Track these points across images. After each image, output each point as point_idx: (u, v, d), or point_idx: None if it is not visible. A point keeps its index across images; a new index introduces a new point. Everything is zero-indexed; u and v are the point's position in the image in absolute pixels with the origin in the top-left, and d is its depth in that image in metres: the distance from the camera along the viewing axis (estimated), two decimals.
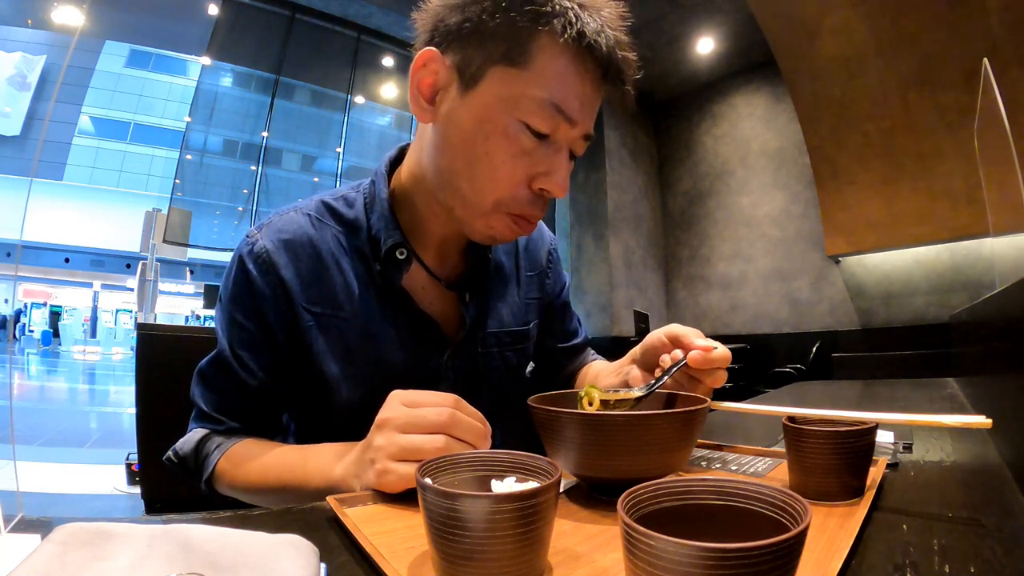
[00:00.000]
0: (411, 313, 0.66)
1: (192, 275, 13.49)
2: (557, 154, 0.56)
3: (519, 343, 0.77)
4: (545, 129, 0.54)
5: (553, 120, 0.54)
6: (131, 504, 2.67)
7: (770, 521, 0.25)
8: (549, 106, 0.53)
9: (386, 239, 0.63)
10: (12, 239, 13.36)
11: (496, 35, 0.53)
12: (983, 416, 0.42)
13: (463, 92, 0.56)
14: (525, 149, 0.55)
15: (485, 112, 0.55)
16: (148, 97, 19.80)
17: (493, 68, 0.54)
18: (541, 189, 0.57)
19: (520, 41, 0.52)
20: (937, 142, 4.18)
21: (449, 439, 0.45)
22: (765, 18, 4.56)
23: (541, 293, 0.83)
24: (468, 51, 0.55)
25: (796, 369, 4.91)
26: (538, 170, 0.56)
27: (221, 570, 0.27)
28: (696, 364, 0.56)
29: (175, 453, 0.65)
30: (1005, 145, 1.29)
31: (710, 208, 6.39)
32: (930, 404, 1.14)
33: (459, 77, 0.56)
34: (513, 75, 0.53)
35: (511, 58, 0.53)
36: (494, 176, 0.56)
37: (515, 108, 0.54)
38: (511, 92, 0.53)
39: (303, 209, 0.67)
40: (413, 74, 0.57)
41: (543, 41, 0.52)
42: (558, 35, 0.52)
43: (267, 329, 0.63)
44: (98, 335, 19.54)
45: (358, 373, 0.64)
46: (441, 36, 0.56)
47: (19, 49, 17.80)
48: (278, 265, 0.63)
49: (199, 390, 0.66)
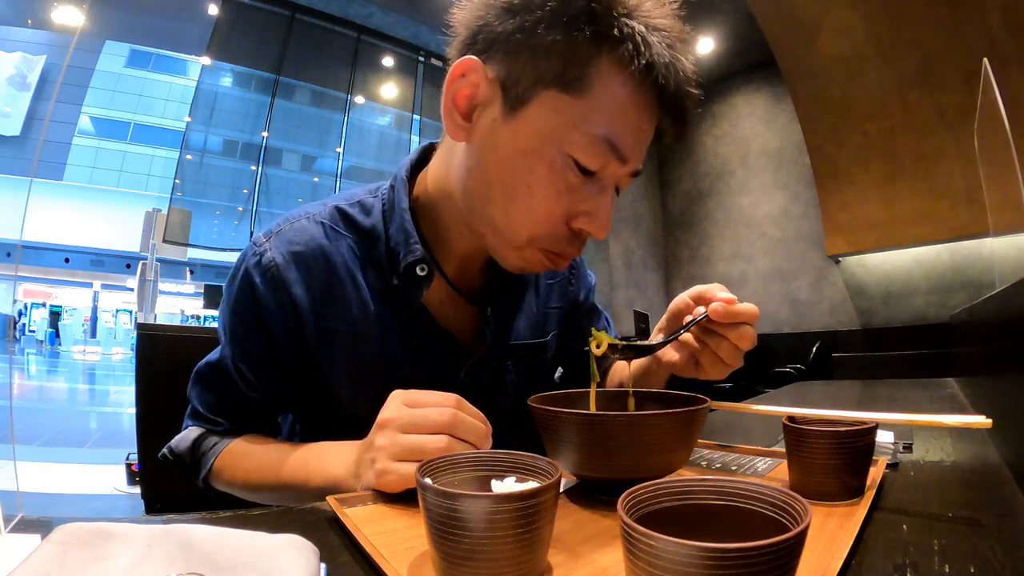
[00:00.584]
0: (429, 329, 0.63)
1: (192, 275, 13.50)
2: (602, 193, 0.52)
3: (536, 355, 0.74)
4: (594, 167, 0.50)
5: (604, 157, 0.49)
6: (131, 504, 2.67)
7: (770, 521, 0.25)
8: (603, 142, 0.48)
9: (406, 254, 0.59)
10: (12, 239, 13.35)
11: (551, 53, 0.47)
12: (983, 416, 0.42)
13: (507, 114, 0.50)
14: (570, 186, 0.50)
15: (530, 142, 0.49)
16: (148, 97, 19.79)
17: (544, 92, 0.48)
18: (580, 229, 0.53)
19: (579, 64, 0.47)
20: (937, 142, 4.18)
21: (451, 439, 0.45)
22: (765, 18, 4.56)
23: (563, 301, 0.79)
24: (516, 67, 0.49)
25: (796, 369, 4.91)
26: (580, 209, 0.52)
27: (221, 570, 0.27)
28: (717, 316, 0.53)
29: (170, 450, 0.64)
30: (1005, 145, 1.29)
31: (710, 208, 6.39)
32: (930, 404, 1.14)
33: (503, 95, 0.50)
34: (567, 103, 0.48)
35: (566, 83, 0.47)
36: (532, 211, 0.51)
37: (565, 141, 0.49)
38: (562, 122, 0.48)
39: (316, 216, 0.63)
40: (449, 84, 0.52)
41: (604, 67, 0.47)
42: (623, 63, 0.46)
43: (272, 345, 0.60)
44: (98, 335, 19.54)
45: (370, 390, 0.61)
46: (485, 43, 0.50)
47: (19, 49, 17.79)
48: (288, 281, 0.58)
49: (196, 391, 0.65)
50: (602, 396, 0.56)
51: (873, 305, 5.15)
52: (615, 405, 0.55)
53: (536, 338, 0.74)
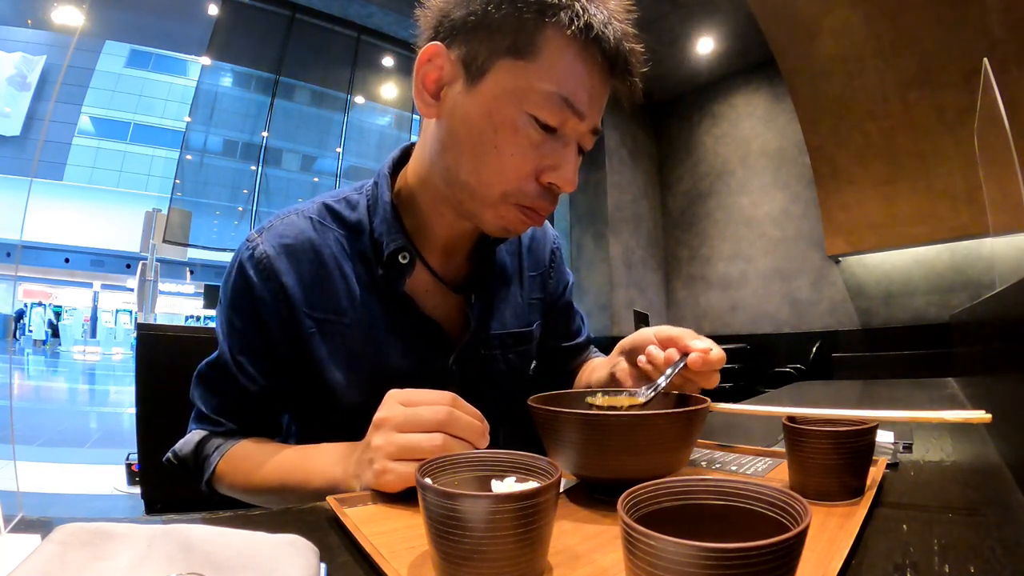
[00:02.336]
0: (414, 317, 0.65)
1: (192, 275, 13.49)
2: (565, 148, 0.56)
3: (522, 344, 0.77)
4: (553, 122, 0.54)
5: (562, 113, 0.53)
6: (131, 504, 2.67)
7: (770, 521, 0.25)
8: (557, 99, 0.53)
9: (388, 243, 0.62)
10: (12, 239, 13.35)
11: (502, 27, 0.52)
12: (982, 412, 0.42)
13: (469, 86, 0.55)
14: (533, 142, 0.54)
15: (492, 105, 0.54)
16: (148, 97, 19.78)
17: (500, 61, 0.53)
18: (550, 183, 0.57)
19: (527, 33, 0.52)
20: (937, 142, 4.18)
21: (447, 437, 0.45)
22: (765, 18, 4.56)
23: (543, 293, 0.82)
24: (473, 45, 0.54)
25: (796, 369, 4.91)
26: (546, 163, 0.56)
27: (221, 570, 0.27)
28: (696, 367, 0.55)
29: (174, 455, 0.65)
30: (1005, 145, 1.29)
31: (710, 208, 6.39)
32: (930, 404, 1.14)
33: (465, 71, 0.55)
34: (520, 67, 0.53)
35: (518, 50, 0.52)
36: (501, 169, 0.55)
37: (523, 101, 0.53)
38: (518, 85, 0.53)
39: (304, 212, 0.66)
40: (418, 69, 0.57)
41: (550, 33, 0.52)
42: (565, 27, 0.51)
43: (268, 336, 0.62)
44: (98, 335, 19.54)
45: (362, 379, 0.64)
46: (446, 31, 0.56)
47: (19, 49, 17.79)
48: (279, 271, 0.62)
49: (199, 392, 0.66)
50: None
51: (873, 305, 5.15)
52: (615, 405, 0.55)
53: (522, 327, 0.76)
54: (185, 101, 12.59)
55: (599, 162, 6.03)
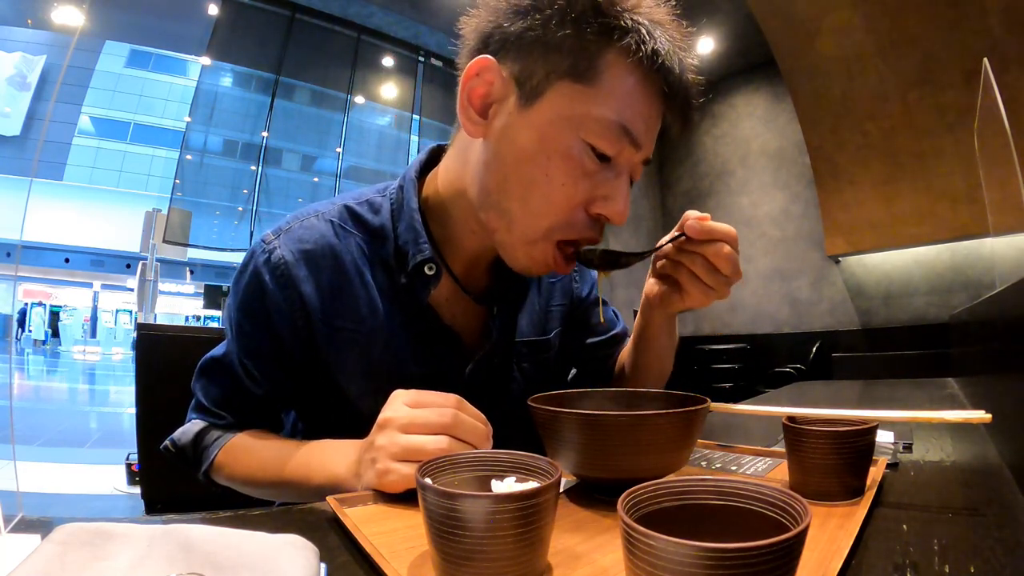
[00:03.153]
0: (435, 327, 0.64)
1: (192, 275, 13.49)
2: (618, 178, 0.53)
3: (539, 353, 0.74)
4: (610, 151, 0.51)
5: (619, 142, 0.51)
6: (131, 504, 2.67)
7: (770, 521, 0.25)
8: (616, 127, 0.50)
9: (414, 253, 0.60)
10: (12, 239, 13.35)
11: (562, 47, 0.49)
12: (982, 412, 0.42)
13: (522, 107, 0.52)
14: (587, 172, 0.52)
15: (547, 130, 0.51)
16: (148, 97, 19.77)
17: (558, 83, 0.50)
18: (599, 214, 0.54)
19: (588, 56, 0.49)
20: (937, 142, 4.18)
21: (451, 440, 0.45)
22: (765, 18, 4.56)
23: (566, 299, 0.79)
24: (529, 62, 0.51)
25: (796, 369, 4.92)
26: (598, 193, 0.53)
27: (221, 570, 0.27)
28: (692, 232, 0.54)
29: (173, 443, 0.64)
30: (1005, 145, 1.29)
31: (710, 208, 6.39)
32: (930, 404, 1.14)
33: (518, 90, 0.52)
34: (579, 92, 0.50)
35: (578, 73, 0.50)
36: (551, 198, 0.52)
37: (580, 127, 0.50)
38: (576, 110, 0.50)
39: (325, 215, 0.63)
40: (464, 83, 0.54)
41: (612, 58, 0.49)
42: (629, 52, 0.49)
43: (278, 343, 0.61)
44: (98, 335, 19.53)
45: (378, 388, 0.61)
46: (498, 44, 0.52)
47: (19, 49, 17.78)
48: (297, 279, 0.59)
49: (201, 383, 0.65)
50: (602, 396, 0.57)
51: (873, 305, 5.15)
52: (615, 405, 0.55)
53: (538, 336, 0.74)
54: (185, 101, 12.58)
55: None
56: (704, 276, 0.57)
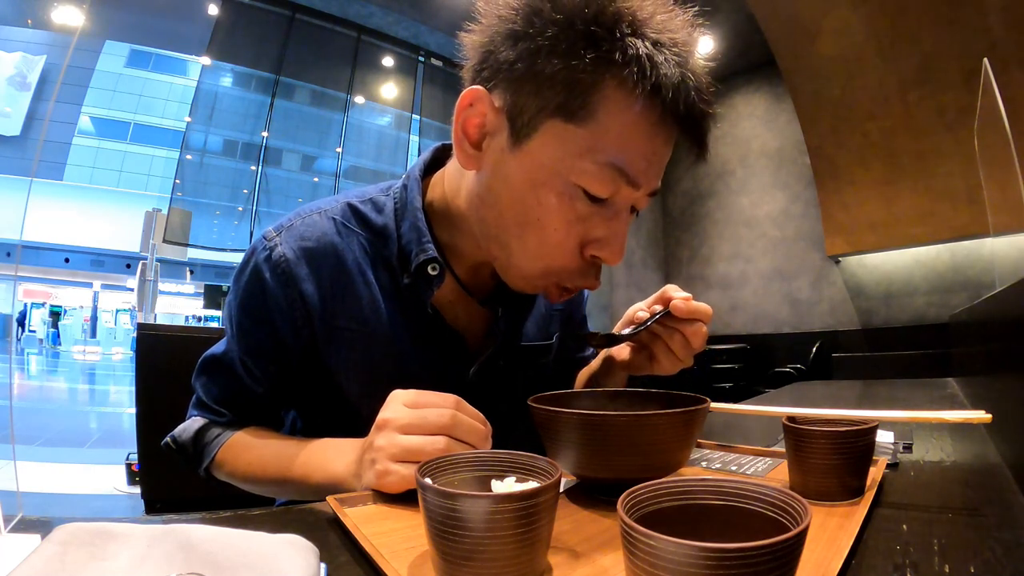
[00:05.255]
0: (438, 328, 0.63)
1: (192, 275, 13.49)
2: (615, 218, 0.51)
3: (542, 357, 0.74)
4: (604, 194, 0.48)
5: (614, 184, 0.48)
6: (131, 504, 2.67)
7: (770, 521, 0.25)
8: (610, 169, 0.47)
9: (417, 253, 0.58)
10: (12, 239, 13.35)
11: (554, 82, 0.46)
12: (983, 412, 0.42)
13: (513, 145, 0.49)
14: (580, 215, 0.49)
15: (537, 173, 0.49)
16: (148, 97, 19.76)
17: (548, 121, 0.47)
18: (594, 256, 0.52)
19: (581, 92, 0.45)
20: (937, 142, 4.18)
21: (450, 440, 0.45)
22: (765, 18, 4.56)
23: (566, 304, 0.79)
24: (520, 97, 0.48)
25: (796, 369, 4.92)
26: (593, 236, 0.51)
27: (221, 570, 0.27)
28: (679, 312, 0.55)
29: (173, 440, 0.64)
30: (1005, 145, 1.29)
31: (710, 208, 6.39)
32: (930, 404, 1.14)
33: (510, 126, 0.49)
34: (571, 132, 0.47)
35: (570, 112, 0.46)
36: (544, 243, 0.51)
37: (571, 171, 0.47)
38: (568, 152, 0.47)
39: (328, 212, 0.62)
40: (458, 114, 0.51)
41: (608, 92, 0.45)
42: (627, 88, 0.45)
43: (279, 341, 0.60)
44: (98, 335, 19.53)
45: (380, 389, 0.60)
46: (490, 72, 0.50)
47: (19, 49, 17.77)
48: (299, 278, 0.58)
49: (201, 380, 0.65)
50: (602, 396, 0.56)
51: (873, 305, 5.15)
52: (615, 405, 0.55)
53: (542, 339, 0.74)
54: (185, 101, 12.57)
55: None
56: (679, 351, 0.59)
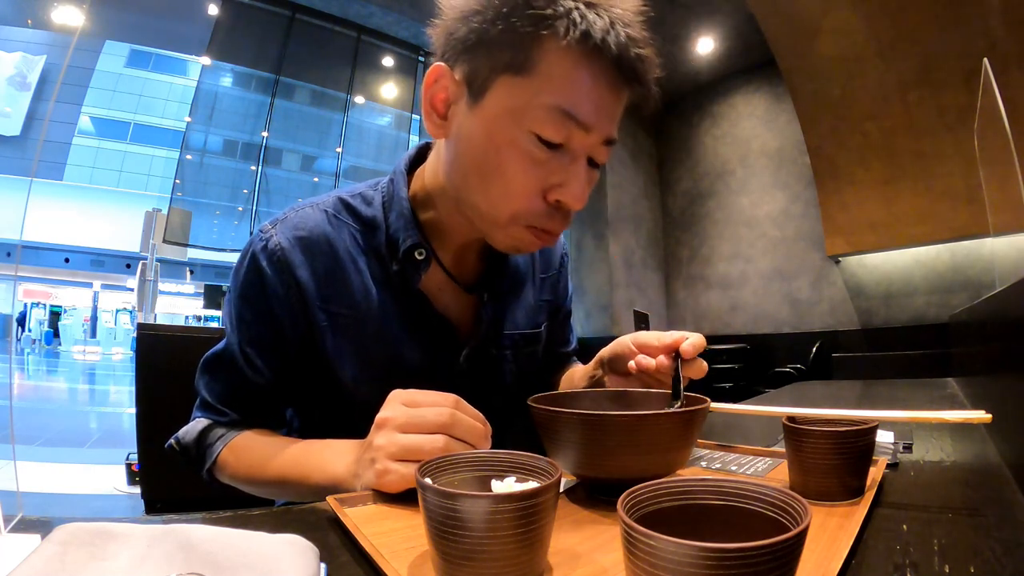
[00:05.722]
0: (427, 314, 0.65)
1: (192, 275, 13.49)
2: (572, 164, 0.54)
3: (532, 345, 0.77)
4: (557, 138, 0.52)
5: (565, 128, 0.51)
6: (131, 504, 2.67)
7: (770, 521, 0.25)
8: (558, 113, 0.51)
9: (404, 239, 0.62)
10: (12, 239, 13.35)
11: (500, 43, 0.51)
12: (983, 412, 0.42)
13: (471, 105, 0.54)
14: (537, 160, 0.53)
15: (493, 125, 0.53)
16: (148, 97, 19.76)
17: (499, 78, 0.52)
18: (557, 201, 0.55)
19: (524, 47, 0.50)
20: (937, 142, 4.18)
21: (449, 439, 0.45)
22: (765, 18, 4.56)
23: (552, 296, 0.83)
24: (475, 63, 0.53)
25: (796, 369, 4.91)
26: (553, 181, 0.54)
27: (221, 570, 0.27)
28: (688, 354, 0.56)
29: (177, 441, 0.65)
30: (1005, 145, 1.29)
31: (710, 208, 6.39)
32: (930, 404, 1.14)
33: (468, 90, 0.54)
34: (519, 84, 0.51)
35: (516, 66, 0.51)
36: (507, 190, 0.54)
37: (523, 118, 0.52)
38: (518, 102, 0.52)
39: (320, 205, 0.66)
40: (425, 91, 0.57)
41: (547, 46, 0.50)
42: (560, 37, 0.49)
43: (278, 329, 0.62)
44: (98, 335, 19.53)
45: (373, 375, 0.64)
46: (452, 50, 0.55)
47: (19, 49, 17.76)
48: (293, 264, 0.61)
49: (204, 380, 0.66)
50: (602, 396, 0.57)
51: (873, 305, 5.15)
52: (615, 405, 0.55)
53: (532, 328, 0.77)
54: (185, 101, 12.58)
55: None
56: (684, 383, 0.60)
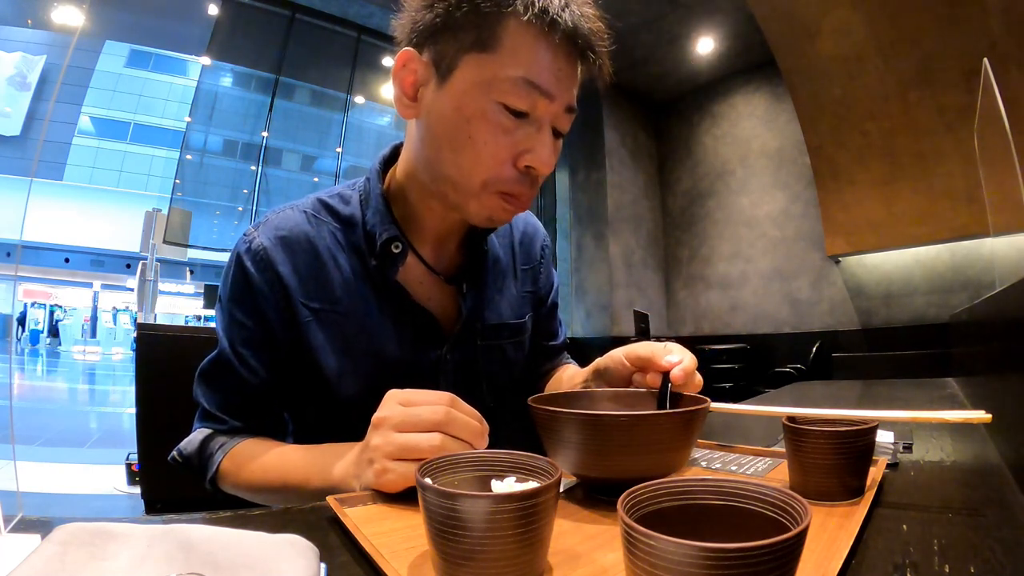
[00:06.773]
0: (407, 307, 0.67)
1: (192, 275, 13.49)
2: (539, 132, 0.57)
3: (516, 336, 0.78)
4: (523, 107, 0.55)
5: (530, 96, 0.55)
6: (131, 504, 2.67)
7: (770, 521, 0.25)
8: (523, 83, 0.54)
9: (381, 233, 0.64)
10: (12, 239, 13.35)
11: (465, 25, 0.55)
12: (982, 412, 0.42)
13: (440, 84, 0.57)
14: (505, 129, 0.56)
15: (462, 99, 0.56)
16: (148, 97, 19.76)
17: (466, 56, 0.56)
18: (527, 167, 0.58)
19: (488, 26, 0.54)
20: (937, 142, 4.18)
21: (445, 437, 0.45)
22: (765, 18, 4.56)
23: (534, 287, 0.84)
24: (441, 45, 0.57)
25: (796, 369, 4.91)
26: (521, 148, 0.57)
27: (221, 570, 0.27)
28: (679, 382, 0.56)
29: (179, 453, 0.65)
30: (1005, 145, 1.29)
31: (710, 208, 6.39)
32: (930, 404, 1.14)
33: (436, 71, 0.58)
34: (485, 59, 0.55)
35: (481, 44, 0.55)
36: (478, 158, 0.57)
37: (490, 90, 0.55)
38: (485, 76, 0.55)
39: (300, 206, 0.68)
40: (395, 76, 0.60)
41: (509, 23, 0.54)
42: (521, 15, 0.53)
43: (267, 326, 0.64)
44: (98, 335, 19.52)
45: (357, 368, 0.65)
46: (418, 36, 0.58)
47: (19, 49, 17.76)
48: (275, 262, 0.64)
49: (201, 390, 0.67)
50: (602, 396, 0.57)
51: (873, 305, 5.15)
52: (615, 405, 0.55)
53: (516, 319, 0.78)
54: (185, 101, 12.58)
55: (599, 162, 6.03)
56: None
